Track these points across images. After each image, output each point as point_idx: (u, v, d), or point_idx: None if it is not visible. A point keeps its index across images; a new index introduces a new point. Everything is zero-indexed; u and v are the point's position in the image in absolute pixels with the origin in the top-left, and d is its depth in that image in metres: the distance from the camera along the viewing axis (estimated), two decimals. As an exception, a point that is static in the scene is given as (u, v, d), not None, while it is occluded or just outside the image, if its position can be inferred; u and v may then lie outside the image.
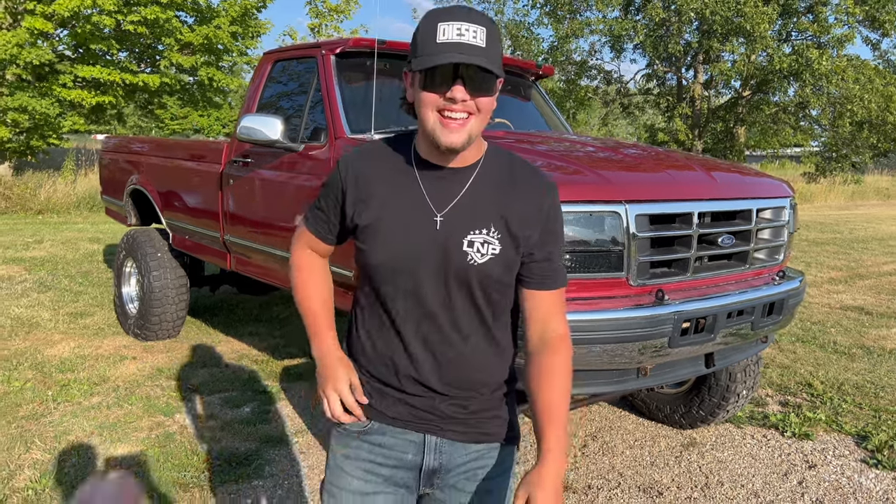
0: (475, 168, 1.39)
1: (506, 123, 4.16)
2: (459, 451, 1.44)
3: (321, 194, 1.49)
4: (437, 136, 1.29)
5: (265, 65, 4.33)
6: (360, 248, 1.41)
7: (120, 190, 5.85)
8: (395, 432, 1.44)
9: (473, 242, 1.36)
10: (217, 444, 3.60)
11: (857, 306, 7.42)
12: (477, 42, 1.25)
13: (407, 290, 1.39)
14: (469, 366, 1.42)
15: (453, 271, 1.36)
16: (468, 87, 1.26)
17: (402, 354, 1.42)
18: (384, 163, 1.41)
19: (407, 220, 1.36)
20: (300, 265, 1.56)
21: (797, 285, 3.26)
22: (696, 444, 3.85)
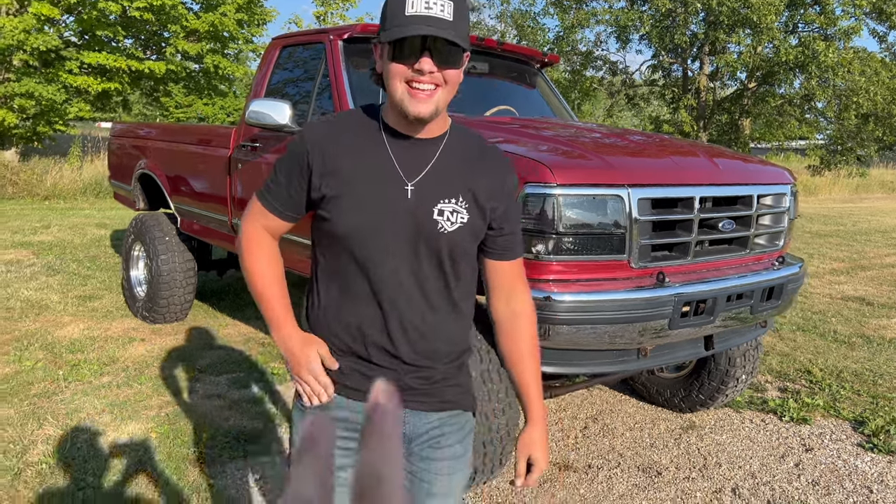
0: (442, 140, 1.43)
1: (511, 110, 4.21)
2: (422, 419, 1.48)
3: (279, 168, 1.47)
4: (405, 106, 1.33)
5: (273, 51, 4.38)
6: (327, 218, 1.41)
7: (128, 175, 5.91)
8: (358, 406, 1.46)
9: (443, 211, 1.40)
10: (225, 423, 3.68)
11: (858, 297, 7.46)
12: (444, 16, 1.29)
13: (377, 259, 1.40)
14: (436, 335, 1.46)
15: (424, 239, 1.40)
16: (435, 60, 1.30)
17: (371, 324, 1.44)
18: (352, 133, 1.43)
19: (378, 188, 1.39)
20: (253, 249, 1.50)
21: (797, 271, 3.32)
22: (696, 427, 3.92)
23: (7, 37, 12.69)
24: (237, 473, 3.16)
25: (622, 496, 3.14)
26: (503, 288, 1.54)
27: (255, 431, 3.59)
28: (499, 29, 24.45)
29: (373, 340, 1.45)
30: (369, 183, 1.39)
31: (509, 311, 1.54)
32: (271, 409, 3.90)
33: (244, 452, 3.36)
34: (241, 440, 3.48)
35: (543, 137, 3.11)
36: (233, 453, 3.34)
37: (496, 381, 2.78)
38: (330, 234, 1.43)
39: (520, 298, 1.55)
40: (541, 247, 2.57)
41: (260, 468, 3.22)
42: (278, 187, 1.47)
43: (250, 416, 3.77)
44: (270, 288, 1.48)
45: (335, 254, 1.45)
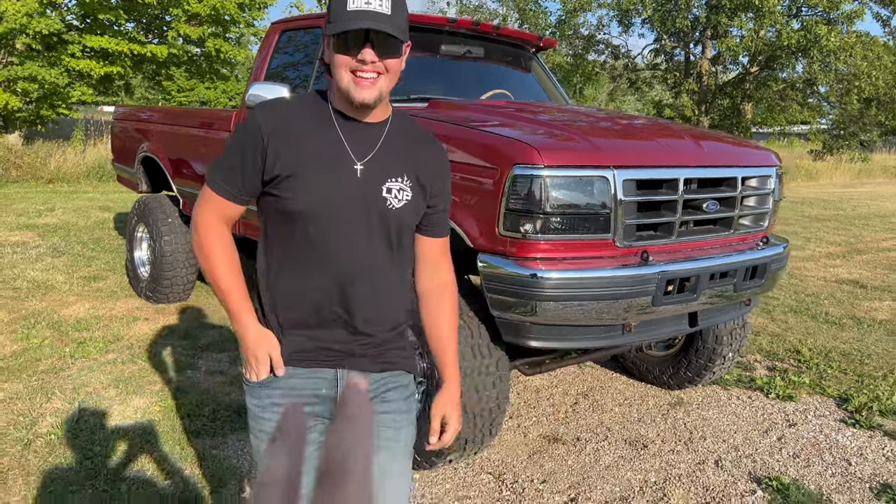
0: (386, 124, 1.56)
1: (506, 94, 4.29)
2: (368, 379, 1.58)
3: (231, 153, 1.53)
4: (350, 93, 1.44)
5: (273, 35, 4.45)
6: (280, 196, 1.49)
7: (131, 157, 6.00)
8: (307, 373, 1.56)
9: (391, 189, 1.53)
10: (226, 397, 3.80)
11: (852, 280, 7.56)
12: (383, 10, 1.41)
13: (330, 234, 1.50)
14: (385, 303, 1.58)
15: (375, 215, 1.52)
16: (376, 50, 1.42)
17: (327, 295, 1.53)
18: (303, 116, 1.53)
19: (330, 168, 1.49)
20: (211, 241, 1.55)
21: (780, 251, 3.41)
22: (683, 404, 4.03)
23: (10, 20, 12.75)
24: (238, 444, 3.29)
25: (608, 467, 3.26)
26: (430, 262, 1.68)
27: (255, 405, 3.71)
28: (500, 13, 24.36)
29: (328, 310, 1.54)
30: (321, 163, 1.49)
31: (433, 283, 1.69)
32: (271, 384, 4.01)
33: (243, 425, 3.48)
34: (241, 414, 3.60)
35: (534, 121, 3.20)
36: (233, 426, 3.47)
37: (487, 355, 2.89)
38: (284, 211, 1.51)
39: (444, 273, 1.70)
40: (528, 226, 2.66)
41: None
42: (232, 173, 1.52)
43: (251, 392, 3.89)
44: (227, 279, 1.55)
45: (288, 230, 1.53)
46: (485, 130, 2.98)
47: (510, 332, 2.87)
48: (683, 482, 3.15)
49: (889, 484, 3.18)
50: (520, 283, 2.65)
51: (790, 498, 3.01)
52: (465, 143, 2.93)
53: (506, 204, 2.70)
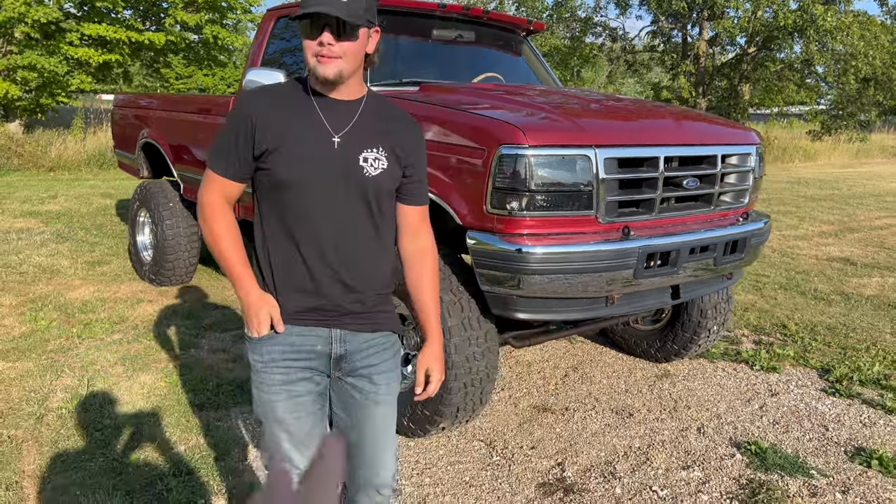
0: (361, 102, 1.74)
1: (497, 77, 4.40)
2: (358, 339, 1.79)
3: (225, 136, 1.70)
4: (316, 71, 1.63)
5: (268, 21, 4.55)
6: (268, 169, 1.68)
7: (132, 144, 6.12)
8: (304, 331, 1.74)
9: (367, 158, 1.70)
10: (229, 374, 3.95)
11: (843, 257, 7.68)
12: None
13: (314, 201, 1.68)
14: (368, 264, 1.76)
15: (353, 183, 1.69)
16: (333, 34, 1.59)
17: (317, 257, 1.71)
18: (284, 98, 1.72)
19: (310, 140, 1.67)
20: (215, 217, 1.73)
21: (761, 226, 3.54)
22: (670, 375, 4.18)
23: (8, 10, 12.80)
24: (240, 416, 3.44)
25: (595, 434, 3.41)
26: (410, 228, 1.86)
27: (257, 381, 3.86)
28: (497, -4, 24.31)
29: (319, 271, 1.72)
30: (302, 136, 1.68)
31: (415, 248, 1.87)
32: (272, 361, 4.16)
33: (246, 398, 3.63)
34: (244, 388, 3.75)
35: (521, 103, 3.31)
36: (236, 399, 3.62)
37: (476, 327, 3.03)
38: (272, 182, 1.69)
39: (424, 238, 1.88)
40: (514, 203, 2.79)
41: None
42: (228, 154, 1.70)
43: (253, 368, 4.04)
44: (230, 251, 1.73)
45: (278, 200, 1.70)
46: (473, 112, 3.10)
47: (498, 306, 3.01)
48: (666, 447, 3.30)
49: (863, 447, 3.33)
50: (506, 258, 2.78)
51: (767, 461, 3.16)
52: (455, 125, 3.05)
53: (493, 183, 2.82)
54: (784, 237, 8.83)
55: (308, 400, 1.76)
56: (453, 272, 3.12)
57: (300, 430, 1.75)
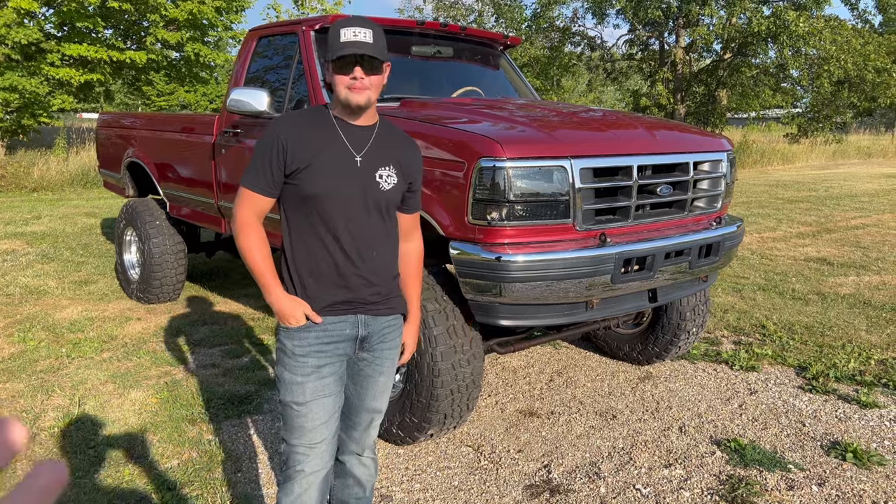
0: (374, 128, 2.06)
1: (477, 91, 4.51)
2: (378, 322, 2.10)
3: (259, 158, 1.96)
4: (349, 100, 1.94)
5: (250, 41, 4.64)
6: (298, 185, 1.95)
7: (117, 163, 6.17)
8: (335, 319, 2.03)
9: (382, 175, 2.02)
10: (220, 388, 4.01)
11: (820, 258, 7.85)
12: (367, 40, 1.89)
13: (340, 211, 1.96)
14: (383, 261, 2.09)
15: (371, 195, 2.00)
16: (364, 70, 1.91)
17: (344, 258, 2.00)
18: (310, 123, 2.01)
19: (336, 159, 1.97)
20: (247, 232, 1.98)
21: (734, 230, 3.66)
22: (652, 377, 4.28)
23: (-13, 31, 12.80)
24: (231, 430, 3.50)
25: (579, 436, 3.50)
26: (404, 231, 2.19)
27: (246, 394, 3.92)
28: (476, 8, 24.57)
29: (346, 269, 2.00)
30: (330, 156, 1.96)
31: (406, 247, 2.22)
32: (261, 375, 4.22)
33: (237, 412, 3.69)
34: (235, 402, 3.81)
35: (498, 116, 3.42)
36: (227, 413, 3.68)
37: (461, 335, 3.12)
38: (302, 195, 1.95)
39: (415, 240, 2.24)
40: (494, 214, 2.89)
41: (251, 424, 3.56)
42: (262, 172, 1.96)
43: (242, 382, 4.10)
44: (262, 262, 1.98)
45: (306, 211, 1.97)
46: (453, 127, 3.20)
47: (482, 313, 3.10)
48: (649, 447, 3.40)
49: (838, 441, 3.44)
50: (487, 266, 2.87)
51: (746, 457, 3.27)
52: (435, 140, 3.14)
53: (473, 194, 2.92)
54: (763, 239, 9.00)
55: (331, 381, 2.03)
56: (438, 282, 3.21)
57: (323, 410, 2.02)
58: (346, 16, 4.08)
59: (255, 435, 3.46)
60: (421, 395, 3.11)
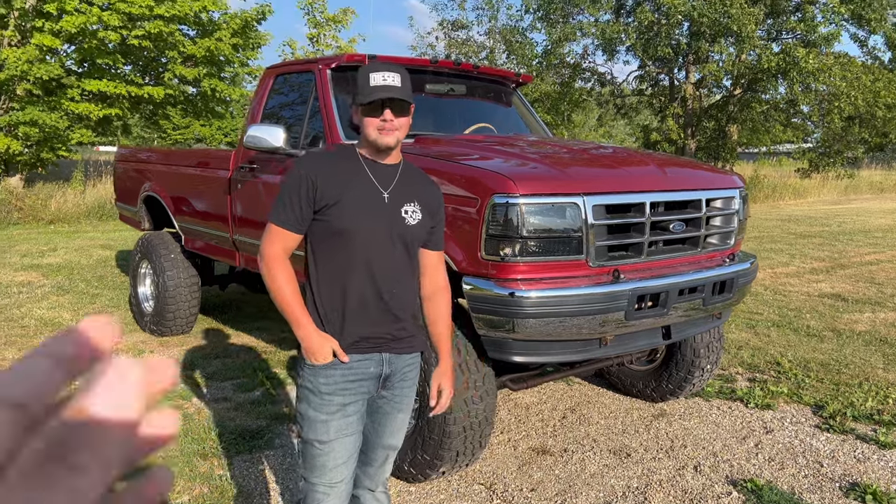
0: (399, 167, 2.13)
1: (489, 127, 4.57)
2: (400, 360, 2.14)
3: (288, 195, 2.00)
4: (378, 142, 2.01)
5: (268, 79, 4.74)
6: (327, 220, 2.00)
7: (134, 197, 6.25)
8: (361, 357, 2.06)
9: (408, 211, 2.08)
10: (231, 422, 4.00)
11: (834, 293, 7.79)
12: (396, 83, 1.98)
13: (367, 246, 2.01)
14: (408, 297, 2.13)
15: (397, 230, 2.06)
16: (393, 112, 1.98)
17: (371, 293, 2.04)
18: (338, 161, 2.10)
19: (364, 195, 2.04)
20: (276, 268, 2.01)
21: (747, 267, 3.65)
22: (666, 415, 4.24)
23: (11, 68, 13.10)
24: (243, 465, 3.49)
25: (593, 475, 3.46)
26: (429, 269, 2.22)
27: (258, 429, 3.91)
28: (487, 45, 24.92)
29: (373, 304, 2.04)
30: (358, 192, 2.03)
31: (433, 286, 2.23)
32: (272, 409, 4.22)
33: (248, 447, 3.68)
34: (246, 437, 3.80)
35: (511, 153, 3.46)
36: (238, 448, 3.67)
37: (474, 370, 3.11)
38: (331, 231, 2.01)
39: (440, 277, 2.24)
40: (508, 250, 2.90)
41: (263, 459, 3.54)
42: (290, 208, 2.01)
43: (254, 416, 4.10)
44: (292, 298, 2.01)
45: (334, 245, 2.02)
46: (465, 164, 3.24)
47: (495, 349, 3.10)
48: (664, 487, 3.35)
49: (857, 482, 3.38)
50: (500, 302, 2.88)
51: (763, 498, 3.21)
52: (449, 176, 3.18)
53: (486, 230, 2.94)
54: (776, 274, 8.95)
55: (355, 420, 2.07)
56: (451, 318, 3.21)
57: (345, 449, 2.05)
58: (362, 55, 4.18)
59: (266, 470, 3.44)
60: (433, 433, 3.10)
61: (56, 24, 13.59)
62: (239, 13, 16.57)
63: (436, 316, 2.22)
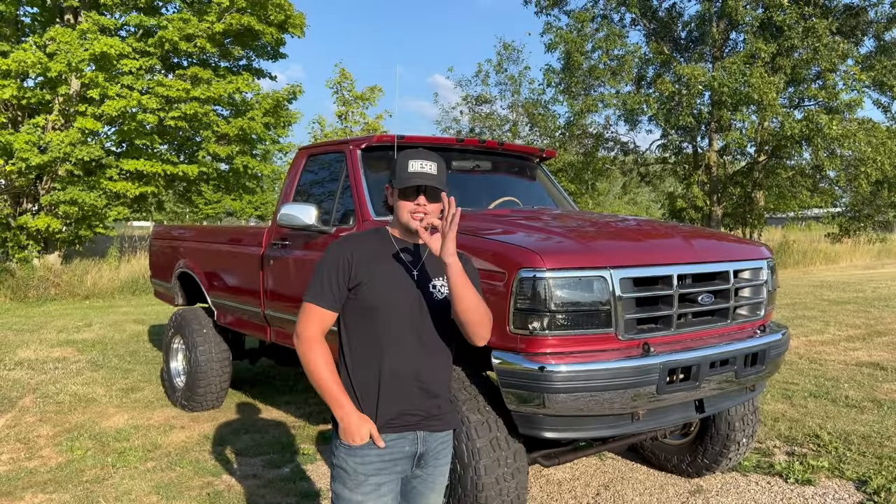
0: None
1: (515, 201, 4.66)
2: (434, 438, 2.18)
3: (325, 275, 2.10)
4: (409, 225, 2.13)
5: (300, 159, 4.91)
6: (359, 298, 2.09)
7: (168, 273, 6.42)
8: (395, 437, 2.11)
9: (436, 286, 2.17)
10: (261, 500, 3.98)
11: (872, 362, 7.60)
12: (432, 172, 2.11)
13: (400, 322, 2.10)
14: (442, 371, 2.19)
15: (427, 305, 2.15)
16: (427, 198, 2.12)
17: (405, 370, 2.10)
18: (369, 243, 2.20)
19: (395, 273, 2.15)
20: (313, 349, 2.07)
21: (779, 338, 3.61)
22: (703, 491, 4.12)
23: (54, 150, 13.70)
24: (273, 544, 3.45)
25: (630, 555, 3.36)
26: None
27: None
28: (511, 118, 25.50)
29: (407, 381, 2.09)
30: (389, 271, 2.13)
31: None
32: (302, 486, 4.19)
33: (279, 525, 3.65)
34: (276, 515, 3.77)
35: (536, 227, 3.52)
36: (269, 526, 3.63)
37: (504, 448, 3.09)
38: (364, 307, 2.09)
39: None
40: (536, 324, 2.93)
41: None
42: (327, 287, 2.09)
43: (283, 494, 4.07)
44: (330, 377, 2.06)
45: (367, 322, 2.10)
46: (492, 238, 3.31)
47: (525, 425, 3.08)
48: (704, 568, 3.23)
49: (908, 563, 3.23)
50: (530, 376, 2.88)
51: (809, 580, 3.08)
52: (476, 251, 3.23)
53: (514, 304, 2.97)
54: (810, 343, 8.77)
55: (389, 500, 2.09)
56: (480, 391, 3.21)
57: None
58: (391, 136, 4.34)
59: (295, 550, 3.40)
60: (465, 510, 3.05)
61: (98, 108, 14.25)
62: (271, 93, 17.24)
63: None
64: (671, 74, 19.75)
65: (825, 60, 17.38)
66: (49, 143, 13.86)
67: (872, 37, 19.66)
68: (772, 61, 18.06)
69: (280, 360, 6.21)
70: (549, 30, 21.38)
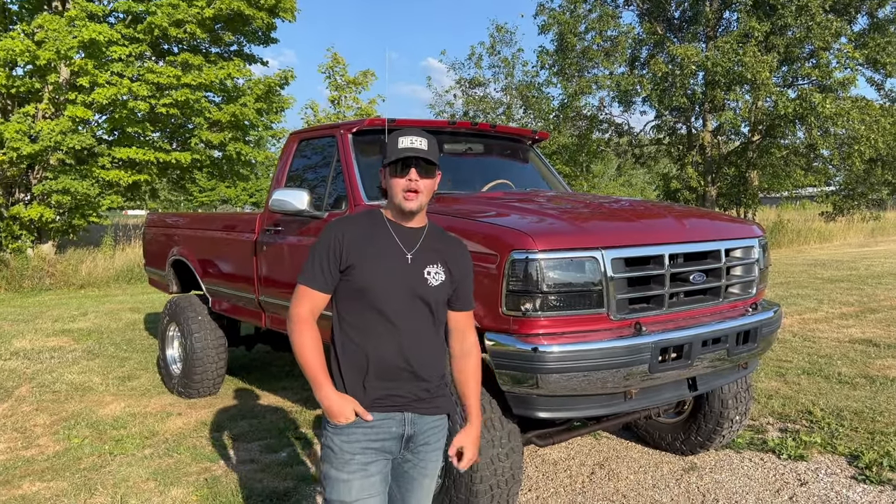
0: (424, 230, 2.21)
1: (508, 184, 4.66)
2: (424, 421, 2.15)
3: (318, 256, 2.10)
4: (402, 205, 2.11)
5: (291, 144, 4.89)
6: (351, 279, 2.08)
7: (162, 261, 6.41)
8: (382, 416, 2.09)
9: (430, 272, 2.13)
10: (259, 484, 4.00)
11: (865, 339, 7.65)
12: (422, 147, 2.09)
13: (389, 304, 2.07)
14: (432, 358, 2.15)
15: (419, 291, 2.11)
16: (419, 172, 2.08)
17: (394, 353, 2.08)
18: (365, 224, 2.18)
19: (389, 256, 2.11)
20: (302, 329, 2.09)
21: (771, 315, 3.64)
22: (697, 468, 4.16)
23: (45, 139, 13.59)
24: (271, 527, 3.48)
25: (624, 532, 3.40)
26: (458, 330, 2.27)
27: (285, 491, 3.91)
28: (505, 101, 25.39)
29: (396, 364, 2.08)
30: (383, 254, 2.11)
31: (462, 348, 2.27)
32: (299, 470, 4.22)
33: (277, 509, 3.67)
34: (273, 499, 3.80)
35: (529, 209, 3.52)
36: (266, 510, 3.66)
37: (498, 427, 3.11)
38: (355, 289, 2.08)
39: (469, 338, 2.27)
40: (528, 305, 2.94)
41: None
42: (318, 269, 2.10)
43: (281, 478, 4.10)
44: (314, 359, 2.07)
45: (357, 306, 2.09)
46: (484, 221, 3.31)
47: (519, 405, 3.10)
48: (697, 543, 3.27)
49: (899, 536, 3.28)
50: (523, 357, 2.90)
51: (801, 553, 3.12)
52: (468, 234, 3.24)
53: (506, 286, 2.98)
54: (804, 320, 8.82)
55: (378, 480, 2.08)
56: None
57: None
58: (382, 119, 4.32)
59: (293, 533, 3.43)
60: (460, 492, 3.08)
61: (88, 96, 14.14)
62: (262, 79, 17.09)
63: (465, 377, 2.25)
64: (665, 55, 19.66)
65: (818, 39, 17.30)
66: (40, 132, 13.75)
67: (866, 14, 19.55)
68: (765, 40, 17.98)
69: (276, 345, 6.23)
70: (542, 11, 21.24)
